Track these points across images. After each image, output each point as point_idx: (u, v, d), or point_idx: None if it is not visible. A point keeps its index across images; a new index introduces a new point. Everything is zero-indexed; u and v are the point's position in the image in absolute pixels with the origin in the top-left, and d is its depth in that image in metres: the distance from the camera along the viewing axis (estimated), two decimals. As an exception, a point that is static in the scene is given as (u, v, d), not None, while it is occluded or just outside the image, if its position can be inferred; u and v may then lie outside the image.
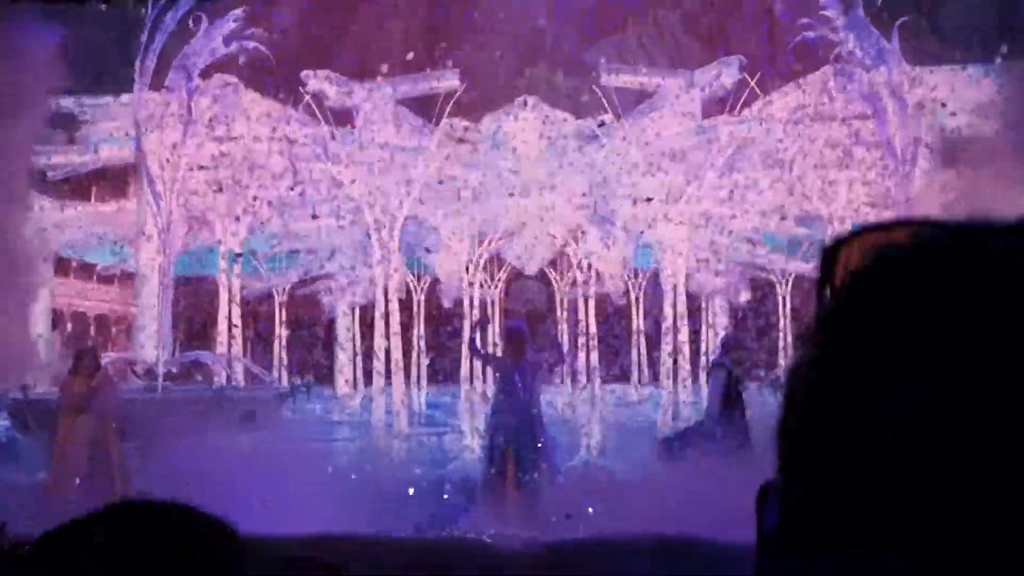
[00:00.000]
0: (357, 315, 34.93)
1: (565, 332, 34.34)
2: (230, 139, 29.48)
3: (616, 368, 33.18)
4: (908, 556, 0.68)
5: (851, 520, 0.71)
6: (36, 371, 23.71)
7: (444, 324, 32.66)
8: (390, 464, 17.73)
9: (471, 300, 33.16)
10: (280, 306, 34.98)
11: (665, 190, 29.11)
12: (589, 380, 32.80)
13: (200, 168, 29.21)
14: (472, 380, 31.61)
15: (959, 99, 27.08)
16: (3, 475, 14.45)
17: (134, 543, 1.27)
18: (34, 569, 1.30)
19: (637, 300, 34.73)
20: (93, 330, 41.17)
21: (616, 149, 30.22)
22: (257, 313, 34.81)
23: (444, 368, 32.57)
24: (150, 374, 23.96)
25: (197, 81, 27.68)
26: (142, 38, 27.43)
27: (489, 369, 15.37)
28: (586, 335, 33.82)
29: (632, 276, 34.51)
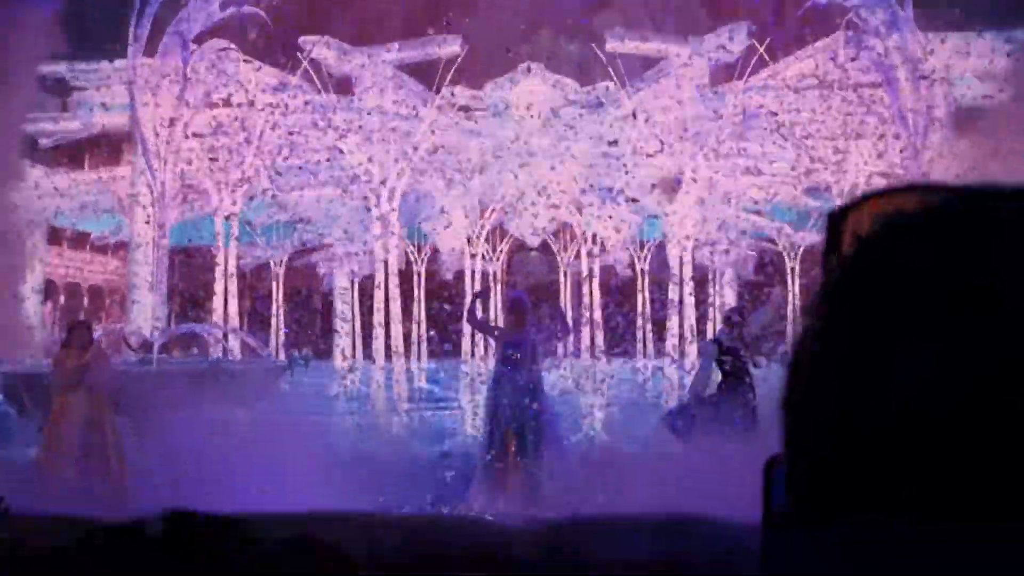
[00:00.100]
0: (356, 287, 34.93)
1: (568, 305, 34.34)
2: (226, 106, 29.42)
3: (621, 342, 33.15)
4: (917, 523, 0.69)
5: (859, 489, 0.71)
6: (29, 343, 23.72)
7: (445, 296, 32.62)
8: (389, 440, 17.73)
9: (472, 272, 33.12)
10: (277, 277, 34.97)
11: (672, 160, 29.01)
12: (593, 354, 32.79)
13: (196, 136, 29.18)
14: (473, 354, 31.60)
15: (974, 67, 26.97)
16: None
17: None
18: None
19: (643, 272, 34.71)
20: (87, 301, 41.14)
21: (621, 117, 30.11)
22: (254, 284, 34.81)
23: (445, 341, 32.54)
24: (145, 346, 23.95)
25: (193, 47, 27.60)
26: (136, 2, 27.35)
27: (490, 342, 15.32)
28: (590, 308, 33.81)
29: (638, 248, 34.48)
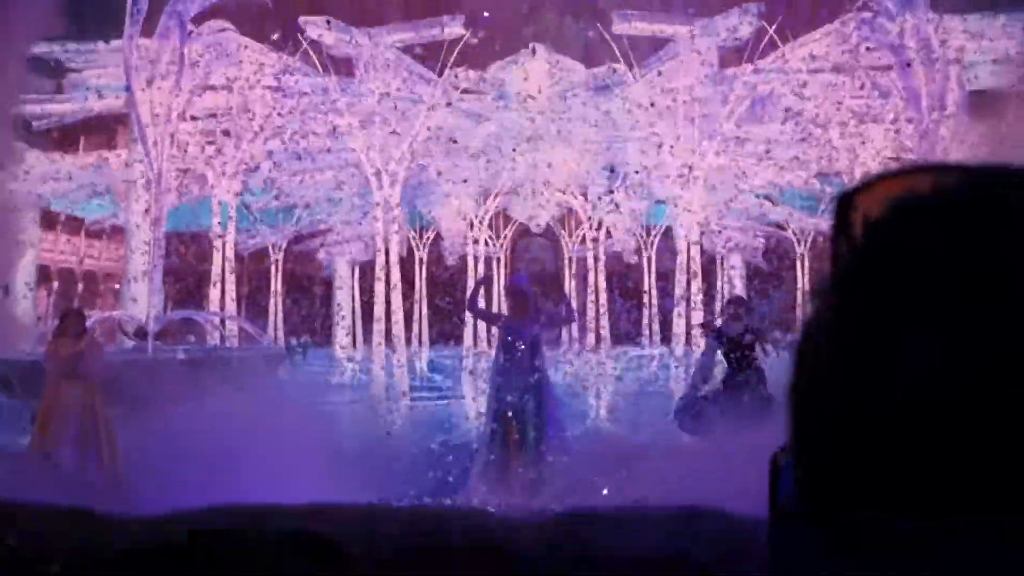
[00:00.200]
0: (356, 273, 34.91)
1: (573, 291, 34.29)
2: (224, 88, 29.33)
3: (627, 329, 33.13)
4: (921, 516, 0.68)
5: (864, 483, 0.70)
6: (21, 331, 23.68)
7: (447, 283, 32.58)
8: (389, 429, 17.71)
9: (475, 258, 33.07)
10: (276, 263, 34.98)
11: (680, 143, 28.91)
12: (598, 341, 32.77)
13: (193, 118, 29.08)
14: (476, 341, 31.58)
15: (990, 49, 26.84)
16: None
17: None
18: None
19: (649, 259, 34.68)
20: (81, 287, 41.13)
21: (629, 100, 30.01)
22: (252, 270, 34.81)
23: (447, 329, 32.53)
24: (140, 334, 23.91)
25: (190, 27, 27.48)
26: (132, -20, 27.23)
27: (493, 329, 15.26)
28: (595, 294, 33.78)
29: (644, 233, 34.45)
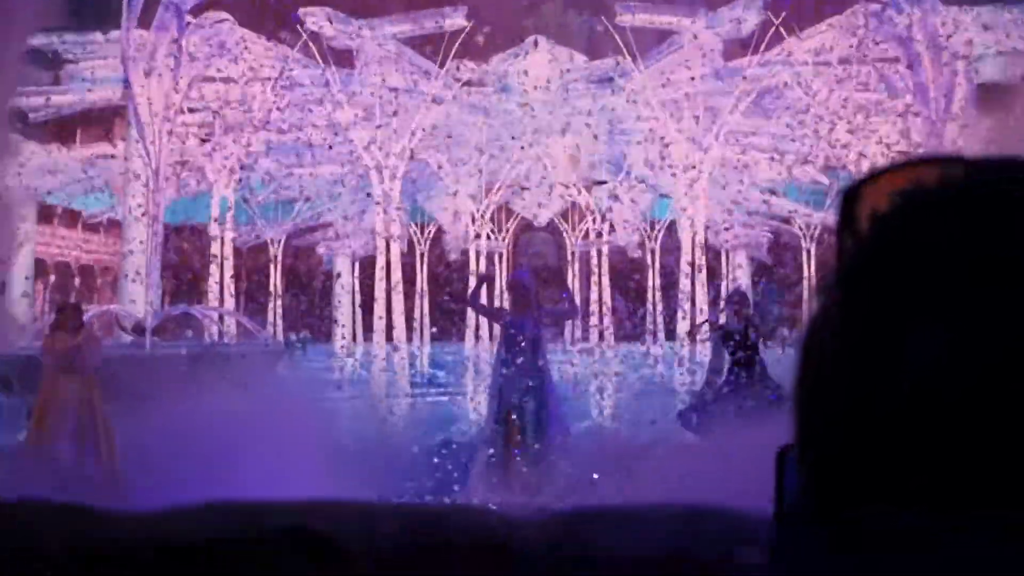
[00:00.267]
0: (356, 267, 34.94)
1: (577, 287, 34.31)
2: (223, 80, 29.34)
3: (630, 325, 33.15)
4: (929, 511, 0.68)
5: (871, 477, 0.71)
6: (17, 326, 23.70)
7: (448, 277, 32.61)
8: (390, 426, 17.72)
9: (477, 252, 33.08)
10: (275, 257, 35.00)
11: (684, 137, 28.90)
12: (601, 337, 32.79)
13: (191, 110, 29.12)
14: (478, 337, 31.61)
15: (999, 43, 26.83)
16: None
17: None
18: None
19: (653, 253, 34.70)
20: (77, 281, 41.21)
21: (632, 93, 30.01)
22: (251, 264, 34.83)
23: (448, 324, 32.55)
24: (138, 329, 23.94)
25: (188, 18, 27.49)
26: (130, -29, 27.23)
27: (495, 325, 15.27)
28: (599, 290, 33.80)
29: (648, 228, 34.46)
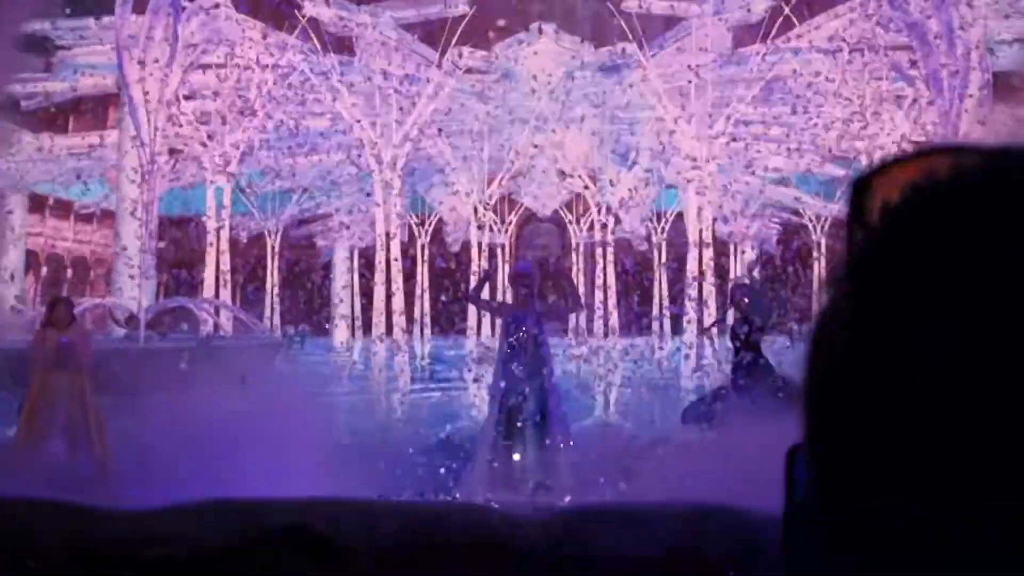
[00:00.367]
0: (356, 259, 34.93)
1: (581, 280, 34.33)
2: (219, 67, 29.36)
3: (636, 319, 33.14)
4: (939, 504, 0.68)
5: (881, 470, 0.71)
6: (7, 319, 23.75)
7: (450, 269, 32.60)
8: (389, 422, 17.76)
9: (479, 244, 33.07)
10: (273, 249, 35.00)
11: (691, 126, 28.90)
12: (606, 332, 32.80)
13: (187, 98, 29.13)
14: (479, 331, 31.63)
15: (1014, 29, 26.81)
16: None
17: None
18: None
19: (660, 246, 34.70)
20: (70, 274, 41.21)
21: (639, 81, 30.00)
22: (248, 256, 34.84)
23: (449, 318, 32.56)
24: (131, 322, 23.99)
25: (184, 3, 27.50)
26: (124, -45, 27.24)
27: (497, 321, 15.28)
28: (604, 283, 33.80)
29: (655, 220, 34.45)
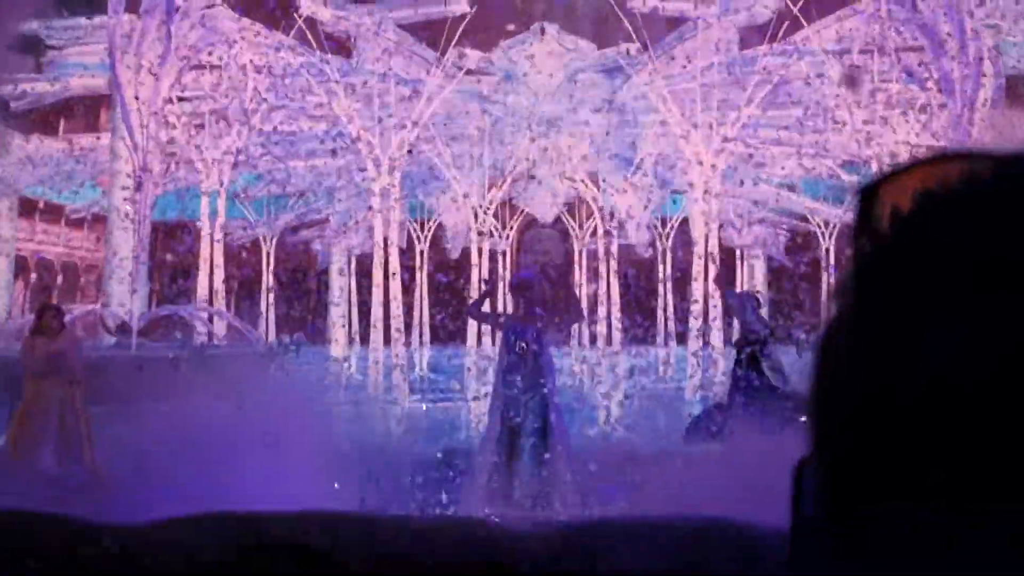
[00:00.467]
0: (353, 266, 34.92)
1: (584, 288, 34.34)
2: (214, 68, 29.38)
3: (640, 328, 33.13)
4: (947, 507, 0.70)
5: (888, 474, 0.72)
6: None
7: (450, 277, 32.60)
8: (387, 434, 17.78)
9: (480, 250, 33.05)
10: (268, 255, 35.01)
11: (697, 130, 28.91)
12: (609, 341, 32.79)
13: (181, 100, 29.15)
14: (480, 340, 31.62)
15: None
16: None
17: None
18: None
19: (664, 252, 34.70)
20: (60, 279, 41.21)
21: (643, 83, 30.03)
22: (242, 263, 34.83)
23: (449, 327, 32.54)
24: (123, 329, 24.02)
25: (177, 2, 27.52)
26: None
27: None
28: (607, 291, 33.79)
29: (659, 226, 34.45)
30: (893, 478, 0.72)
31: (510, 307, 12.98)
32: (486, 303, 13.32)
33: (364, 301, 31.42)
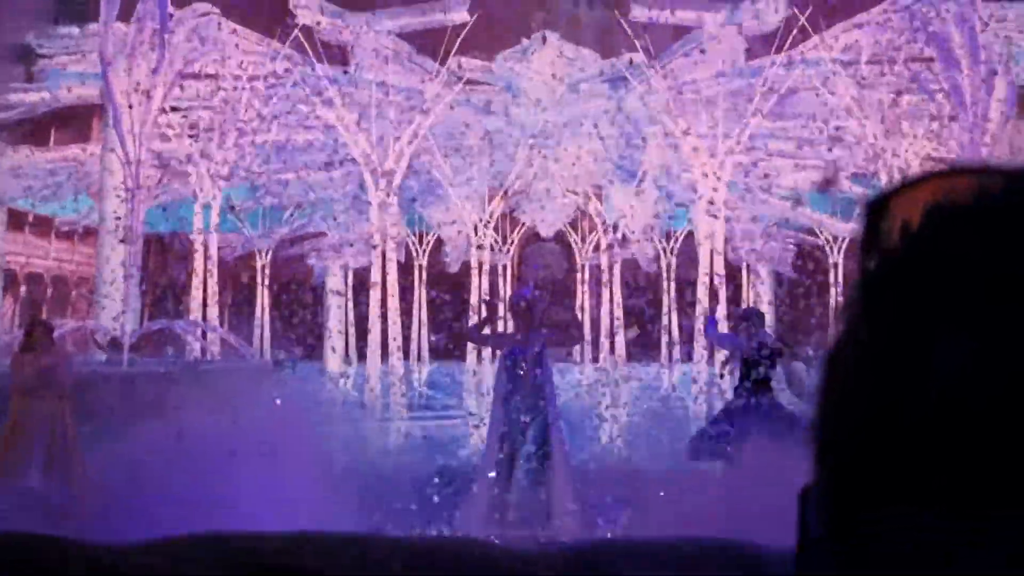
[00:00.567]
0: (350, 280, 34.90)
1: (586, 303, 34.32)
2: (208, 78, 29.42)
3: (643, 345, 33.10)
4: (950, 516, 0.71)
5: (895, 482, 0.74)
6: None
7: (449, 292, 32.57)
8: (384, 452, 17.72)
9: (479, 265, 33.04)
10: (263, 269, 34.98)
11: (702, 141, 28.92)
12: (612, 357, 32.75)
13: (174, 110, 29.17)
14: (480, 357, 31.60)
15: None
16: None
17: None
18: None
19: (669, 267, 34.66)
20: (50, 293, 41.14)
21: (647, 93, 30.05)
22: (236, 276, 34.82)
23: (447, 343, 32.51)
24: (114, 345, 24.01)
25: (172, 10, 27.55)
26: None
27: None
28: (610, 306, 33.76)
29: (663, 240, 34.42)
30: (899, 485, 0.73)
31: (510, 325, 12.92)
32: (488, 325, 13.26)
33: (361, 315, 31.40)
